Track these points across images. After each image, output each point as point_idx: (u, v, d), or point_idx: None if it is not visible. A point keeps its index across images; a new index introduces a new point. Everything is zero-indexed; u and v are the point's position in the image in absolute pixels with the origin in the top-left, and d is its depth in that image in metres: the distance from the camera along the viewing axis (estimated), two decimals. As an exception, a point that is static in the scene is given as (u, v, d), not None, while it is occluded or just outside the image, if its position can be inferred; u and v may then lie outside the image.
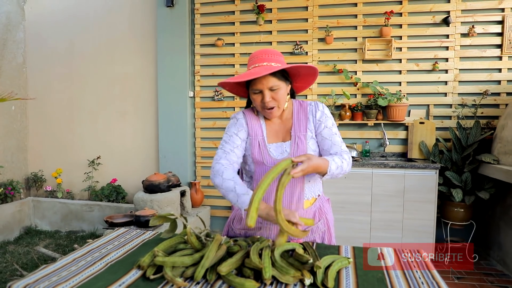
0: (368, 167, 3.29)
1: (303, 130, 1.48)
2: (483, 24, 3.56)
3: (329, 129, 1.48)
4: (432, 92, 3.69)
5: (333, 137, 1.48)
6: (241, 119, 1.53)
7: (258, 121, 1.53)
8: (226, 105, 4.08)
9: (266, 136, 1.51)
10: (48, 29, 4.57)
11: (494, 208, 3.39)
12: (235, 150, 1.48)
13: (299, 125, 1.49)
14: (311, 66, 1.44)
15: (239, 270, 1.18)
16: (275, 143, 1.50)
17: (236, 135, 1.50)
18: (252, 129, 1.51)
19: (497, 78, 3.57)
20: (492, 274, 3.06)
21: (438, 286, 1.10)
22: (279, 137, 1.51)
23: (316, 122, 1.49)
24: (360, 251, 1.40)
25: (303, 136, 1.47)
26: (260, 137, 1.50)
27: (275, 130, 1.52)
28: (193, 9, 4.08)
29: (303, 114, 1.50)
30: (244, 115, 1.54)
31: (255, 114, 1.55)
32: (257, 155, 1.47)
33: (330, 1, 3.79)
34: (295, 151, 1.45)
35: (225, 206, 4.17)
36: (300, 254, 1.16)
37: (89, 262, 1.31)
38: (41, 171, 4.64)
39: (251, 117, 1.53)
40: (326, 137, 1.48)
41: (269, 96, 1.40)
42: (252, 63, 1.42)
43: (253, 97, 1.44)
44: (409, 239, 3.22)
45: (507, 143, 3.06)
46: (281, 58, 1.43)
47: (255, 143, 1.49)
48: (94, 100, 4.49)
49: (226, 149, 1.48)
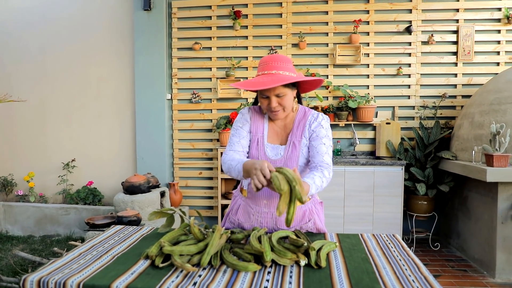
0: (341, 165, 3.51)
1: (299, 137, 1.57)
2: (440, 33, 3.90)
3: (319, 139, 1.54)
4: (397, 95, 3.98)
5: (319, 146, 1.53)
6: (246, 114, 1.64)
7: (262, 119, 1.63)
8: (203, 107, 4.19)
9: (266, 135, 1.61)
10: (19, 29, 4.47)
11: (453, 200, 3.72)
12: (241, 140, 1.59)
13: (297, 131, 1.57)
14: (318, 79, 1.54)
15: (239, 255, 1.32)
16: (273, 144, 1.60)
17: (241, 128, 1.61)
18: (255, 126, 1.61)
19: (454, 82, 3.92)
20: (453, 260, 3.37)
21: (413, 261, 1.29)
22: (278, 139, 1.61)
23: (310, 131, 1.56)
24: (343, 237, 1.57)
25: (298, 142, 1.56)
26: (260, 135, 1.60)
27: (276, 132, 1.62)
28: (170, 13, 4.15)
29: (303, 121, 1.58)
30: (250, 111, 1.64)
31: (261, 112, 1.64)
32: (254, 151, 1.60)
33: (303, 9, 4.00)
34: (289, 155, 1.56)
35: (204, 206, 4.27)
36: (295, 238, 1.32)
37: (95, 256, 1.39)
38: (11, 175, 4.52)
39: (256, 114, 1.63)
40: (314, 145, 1.54)
41: (275, 102, 1.49)
42: (262, 69, 1.49)
43: (261, 100, 1.53)
44: (379, 231, 3.48)
45: (463, 140, 3.39)
46: (290, 65, 1.50)
47: (254, 139, 1.60)
48: (68, 101, 4.44)
49: (233, 141, 1.60)
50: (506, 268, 2.95)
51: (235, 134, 1.62)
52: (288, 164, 1.56)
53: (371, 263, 1.28)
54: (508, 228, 2.93)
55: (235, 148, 1.59)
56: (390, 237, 1.56)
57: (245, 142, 1.61)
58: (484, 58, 3.87)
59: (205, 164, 4.22)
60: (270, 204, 1.61)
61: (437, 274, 3.05)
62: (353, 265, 1.26)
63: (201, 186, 4.26)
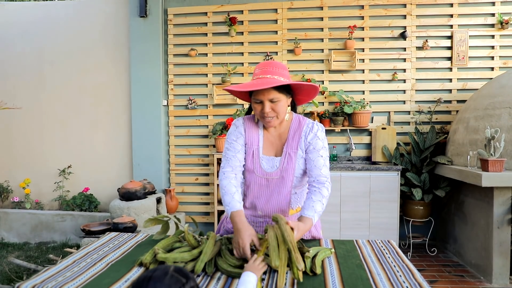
0: (337, 170, 3.51)
1: (294, 148, 1.54)
2: (435, 39, 3.93)
3: (316, 151, 1.52)
4: (392, 100, 4.00)
5: (317, 159, 1.51)
6: (240, 126, 1.60)
7: (256, 130, 1.60)
8: (200, 113, 4.19)
9: (261, 146, 1.58)
10: (15, 36, 4.47)
11: (449, 205, 3.73)
12: (237, 155, 1.57)
13: (292, 142, 1.54)
14: (313, 85, 1.50)
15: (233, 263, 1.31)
16: (268, 156, 1.57)
17: (236, 142, 1.58)
18: (249, 137, 1.58)
19: (449, 87, 3.95)
20: (449, 265, 3.37)
21: (407, 268, 1.29)
22: (273, 150, 1.59)
23: (306, 144, 1.54)
24: (338, 243, 1.58)
25: (294, 154, 1.54)
26: (255, 147, 1.57)
27: (270, 142, 1.59)
28: (166, 19, 4.17)
29: (298, 132, 1.55)
30: (244, 123, 1.61)
31: (255, 122, 1.61)
32: (250, 164, 1.58)
33: (299, 15, 4.03)
34: (284, 167, 1.54)
35: (200, 212, 4.25)
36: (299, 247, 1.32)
37: (90, 263, 1.38)
38: (7, 181, 4.49)
39: (250, 125, 1.60)
40: (311, 158, 1.52)
41: (269, 107, 1.46)
42: (257, 74, 1.48)
43: (254, 106, 1.51)
44: (375, 237, 3.47)
45: (458, 145, 3.40)
46: (285, 72, 1.49)
47: (249, 152, 1.57)
48: (64, 108, 4.43)
49: (228, 155, 1.58)
50: (503, 273, 2.94)
51: (229, 148, 1.59)
52: (284, 176, 1.54)
53: (365, 270, 1.28)
54: (504, 233, 2.94)
55: (232, 163, 1.57)
56: (385, 243, 1.56)
57: (241, 155, 1.58)
58: (479, 63, 3.90)
59: (201, 170, 4.21)
60: (265, 214, 1.61)
61: (433, 280, 3.04)
62: (347, 272, 1.26)
63: (197, 192, 4.25)
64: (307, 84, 1.50)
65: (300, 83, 1.49)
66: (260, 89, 1.42)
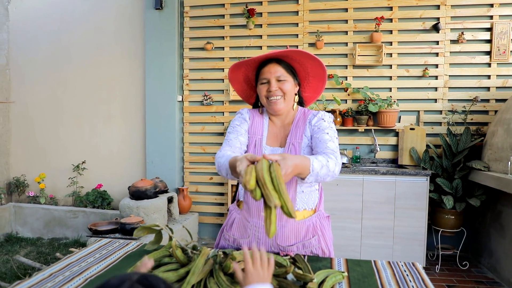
0: (359, 174, 3.25)
1: (298, 138, 1.46)
2: (472, 31, 3.58)
3: (321, 130, 1.41)
4: (422, 98, 3.68)
5: (321, 136, 1.39)
6: (245, 113, 1.55)
7: (261, 120, 1.54)
8: (215, 110, 4.02)
9: (265, 137, 1.51)
10: (33, 30, 4.45)
11: (484, 215, 3.38)
12: (239, 137, 1.48)
13: (296, 132, 1.47)
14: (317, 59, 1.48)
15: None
16: (271, 147, 1.49)
17: (239, 126, 1.51)
18: (254, 126, 1.52)
19: (486, 84, 3.59)
20: (483, 282, 3.04)
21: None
22: (277, 141, 1.51)
23: (311, 128, 1.46)
24: (353, 264, 1.34)
25: (298, 144, 1.44)
26: (258, 137, 1.50)
27: (275, 134, 1.52)
28: (182, 12, 4.01)
29: (302, 121, 1.49)
30: (249, 112, 1.56)
31: (260, 113, 1.57)
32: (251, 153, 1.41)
33: (321, 6, 3.76)
34: None
35: (214, 213, 4.09)
36: (301, 274, 1.10)
37: (67, 278, 1.23)
38: (23, 175, 4.49)
39: (255, 114, 1.55)
40: (316, 137, 1.41)
41: (275, 86, 1.42)
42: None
43: (260, 88, 1.47)
44: (400, 247, 3.19)
45: (497, 149, 3.06)
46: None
47: (252, 141, 1.49)
48: (79, 103, 4.37)
49: (230, 138, 1.48)
50: (546, 295, 2.61)
51: (232, 131, 1.51)
52: None
53: (383, 303, 1.05)
54: (549, 250, 2.60)
55: (232, 143, 1.45)
56: (409, 267, 1.32)
57: (243, 138, 1.49)
58: (522, 59, 3.51)
59: (215, 169, 4.04)
60: None
61: (465, 298, 2.74)
62: (361, 305, 1.04)
63: (211, 192, 4.08)
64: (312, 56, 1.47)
65: (304, 52, 1.45)
66: (267, 67, 1.43)
